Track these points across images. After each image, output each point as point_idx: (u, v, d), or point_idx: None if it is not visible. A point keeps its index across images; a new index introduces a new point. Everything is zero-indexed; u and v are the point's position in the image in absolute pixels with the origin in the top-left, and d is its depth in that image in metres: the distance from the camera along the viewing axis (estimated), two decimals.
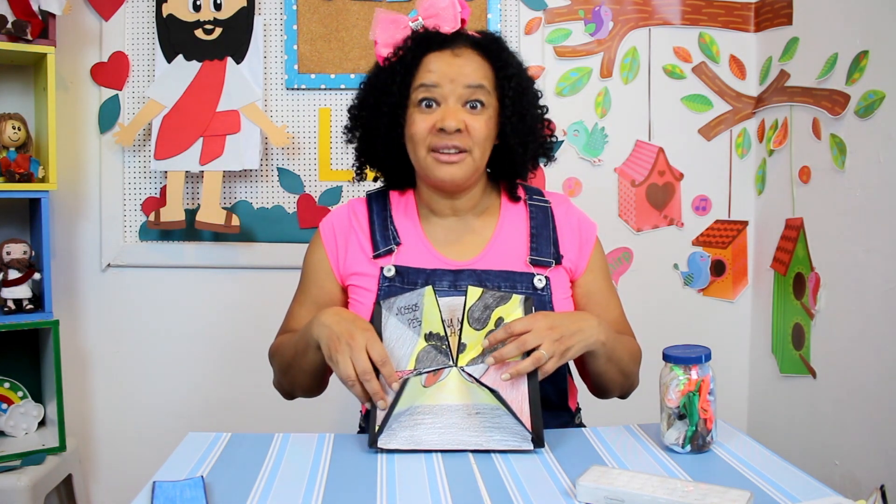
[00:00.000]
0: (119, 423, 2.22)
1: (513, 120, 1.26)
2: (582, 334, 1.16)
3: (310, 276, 1.37)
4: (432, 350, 1.15)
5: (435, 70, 1.23)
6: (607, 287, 1.38)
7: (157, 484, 0.97)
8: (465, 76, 1.23)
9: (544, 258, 1.30)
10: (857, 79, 1.73)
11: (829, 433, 1.85)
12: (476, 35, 1.29)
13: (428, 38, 1.25)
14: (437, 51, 1.25)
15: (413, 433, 1.09)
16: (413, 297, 1.18)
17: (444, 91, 1.23)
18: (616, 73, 2.21)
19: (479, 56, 1.26)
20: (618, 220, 2.24)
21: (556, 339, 1.12)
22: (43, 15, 1.92)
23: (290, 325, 1.36)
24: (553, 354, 1.12)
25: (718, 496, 0.88)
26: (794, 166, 2.01)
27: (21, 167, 1.89)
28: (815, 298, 1.89)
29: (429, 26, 1.26)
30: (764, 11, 2.17)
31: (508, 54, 1.28)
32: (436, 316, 1.16)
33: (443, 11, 1.25)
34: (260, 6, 2.16)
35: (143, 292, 2.20)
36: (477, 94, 1.24)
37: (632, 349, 1.33)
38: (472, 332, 1.16)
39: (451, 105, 1.23)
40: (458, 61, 1.24)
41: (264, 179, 2.19)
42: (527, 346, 1.11)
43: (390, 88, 1.25)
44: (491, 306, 1.18)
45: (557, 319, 1.16)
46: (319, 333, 1.15)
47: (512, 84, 1.26)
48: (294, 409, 2.08)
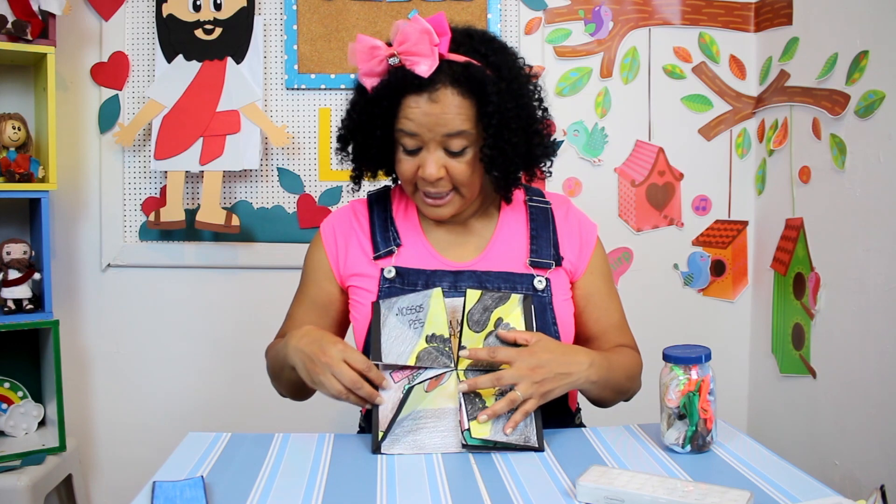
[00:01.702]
0: (119, 423, 2.22)
1: (493, 152, 1.20)
2: (567, 378, 1.15)
3: (309, 277, 1.37)
4: (433, 351, 1.15)
5: (413, 118, 1.18)
6: (607, 289, 1.37)
7: (157, 484, 0.97)
8: (442, 125, 1.17)
9: (544, 260, 1.29)
10: (857, 79, 1.73)
11: (829, 433, 1.84)
12: (457, 62, 1.18)
13: (405, 81, 1.17)
14: (415, 93, 1.17)
15: (416, 437, 1.10)
16: (418, 299, 1.19)
17: (424, 138, 1.19)
18: (616, 73, 2.21)
19: (459, 95, 1.17)
20: (618, 220, 2.24)
21: (537, 382, 1.11)
22: (43, 15, 1.92)
23: (288, 326, 1.36)
24: (531, 396, 1.11)
25: (718, 496, 0.88)
26: (794, 166, 2.01)
27: (21, 167, 1.89)
28: (815, 298, 1.89)
29: (405, 64, 1.16)
30: (764, 11, 2.17)
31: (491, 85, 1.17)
32: (442, 318, 1.17)
33: (415, 46, 1.15)
34: (260, 6, 2.16)
35: (143, 292, 2.20)
36: (456, 142, 1.19)
37: (629, 368, 1.31)
38: (472, 334, 1.16)
39: (431, 151, 1.20)
40: (436, 109, 1.17)
41: (264, 179, 2.19)
42: (502, 384, 1.11)
43: (374, 129, 1.22)
44: (490, 307, 1.18)
45: (545, 358, 1.13)
46: (294, 360, 1.16)
47: (493, 121, 1.18)
48: (294, 409, 2.08)
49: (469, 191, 1.25)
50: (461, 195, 1.25)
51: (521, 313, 1.19)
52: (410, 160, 1.23)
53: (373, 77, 1.21)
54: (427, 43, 1.16)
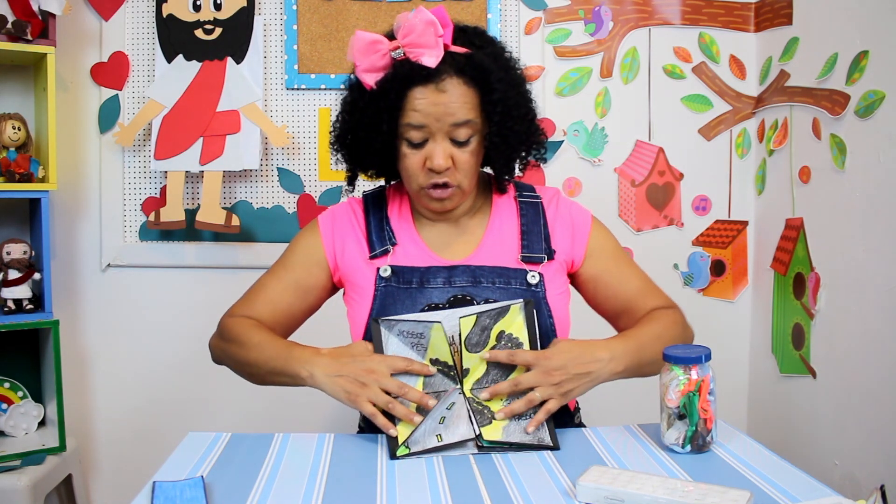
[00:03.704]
0: (119, 423, 2.22)
1: (496, 140, 1.24)
2: (588, 377, 1.16)
3: (297, 259, 1.35)
4: (438, 374, 1.16)
5: (420, 109, 1.19)
6: (616, 264, 1.35)
7: (157, 484, 0.97)
8: (450, 115, 1.19)
9: (536, 254, 1.30)
10: (857, 79, 1.73)
11: (829, 433, 1.84)
12: (461, 54, 1.20)
13: (411, 73, 1.18)
14: (421, 85, 1.18)
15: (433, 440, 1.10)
16: (418, 327, 1.17)
17: (431, 129, 1.20)
18: (616, 73, 2.21)
19: (464, 85, 1.20)
20: (618, 220, 2.24)
21: (555, 384, 1.13)
22: (43, 15, 1.92)
23: (260, 299, 1.33)
24: (551, 397, 1.13)
25: (718, 496, 0.88)
26: (794, 166, 2.01)
27: (21, 167, 1.89)
28: (815, 298, 1.89)
29: (410, 56, 1.18)
30: (764, 11, 2.17)
31: (495, 73, 1.21)
32: (444, 349, 1.16)
33: (420, 37, 1.16)
34: (260, 6, 2.16)
35: (143, 292, 2.20)
36: (463, 132, 1.21)
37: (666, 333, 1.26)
38: (472, 356, 1.16)
39: (438, 142, 1.21)
40: (444, 98, 1.18)
41: (264, 179, 2.19)
42: (520, 388, 1.13)
43: (379, 125, 1.21)
44: (489, 326, 1.18)
45: (562, 360, 1.14)
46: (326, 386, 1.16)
47: (497, 109, 1.22)
48: (294, 409, 2.08)
49: (469, 183, 1.26)
50: (462, 187, 1.25)
51: (523, 321, 1.18)
52: (416, 153, 1.23)
53: (374, 72, 1.21)
54: (432, 34, 1.17)
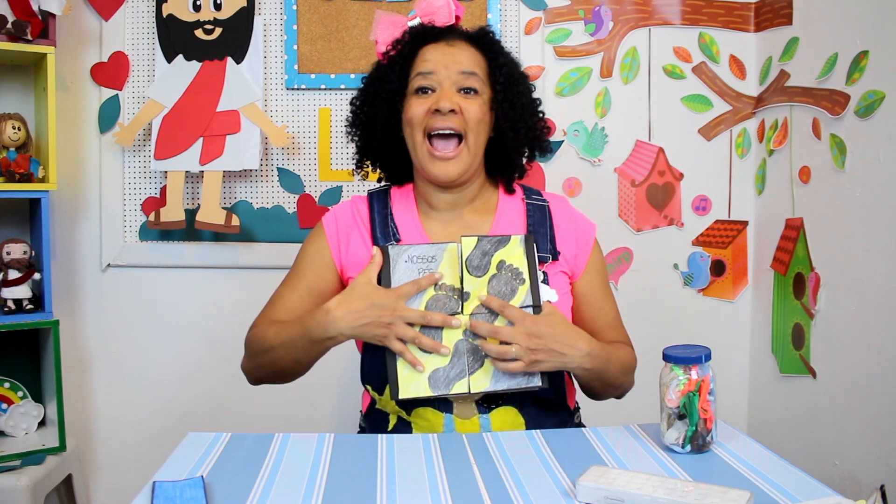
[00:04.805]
0: (119, 423, 2.22)
1: (504, 105, 1.31)
2: (561, 358, 1.19)
3: (308, 264, 1.38)
4: (441, 297, 1.20)
5: (430, 59, 1.31)
6: (603, 290, 1.39)
7: (157, 484, 0.97)
8: (458, 63, 1.30)
9: (541, 253, 1.31)
10: (857, 79, 1.73)
11: (829, 433, 1.84)
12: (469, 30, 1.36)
13: (424, 32, 1.33)
14: (432, 43, 1.33)
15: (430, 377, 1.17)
16: (430, 250, 1.23)
17: (440, 77, 1.29)
18: (616, 73, 2.21)
19: (472, 47, 1.33)
20: (618, 220, 2.24)
21: (531, 349, 1.16)
22: (43, 15, 1.92)
23: (277, 309, 1.37)
24: (520, 358, 1.16)
25: (718, 496, 0.88)
26: (794, 166, 2.01)
27: (21, 167, 1.89)
28: (815, 298, 1.89)
29: (425, 22, 1.34)
30: (764, 11, 2.17)
31: (500, 47, 1.36)
32: (454, 271, 1.21)
33: (439, 10, 1.34)
34: (260, 6, 2.16)
35: (143, 292, 2.20)
36: (470, 81, 1.30)
37: (624, 363, 1.34)
38: (473, 279, 1.20)
39: (445, 89, 1.29)
40: (453, 50, 1.31)
41: (264, 179, 2.19)
42: (498, 337, 1.17)
43: (389, 77, 1.32)
44: (489, 251, 1.22)
45: (546, 331, 1.18)
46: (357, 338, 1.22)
47: (503, 72, 1.32)
48: (294, 409, 2.08)
49: (475, 140, 1.30)
50: (468, 147, 1.29)
51: (523, 253, 1.22)
52: (423, 101, 1.30)
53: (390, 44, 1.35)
54: (447, 8, 1.35)
